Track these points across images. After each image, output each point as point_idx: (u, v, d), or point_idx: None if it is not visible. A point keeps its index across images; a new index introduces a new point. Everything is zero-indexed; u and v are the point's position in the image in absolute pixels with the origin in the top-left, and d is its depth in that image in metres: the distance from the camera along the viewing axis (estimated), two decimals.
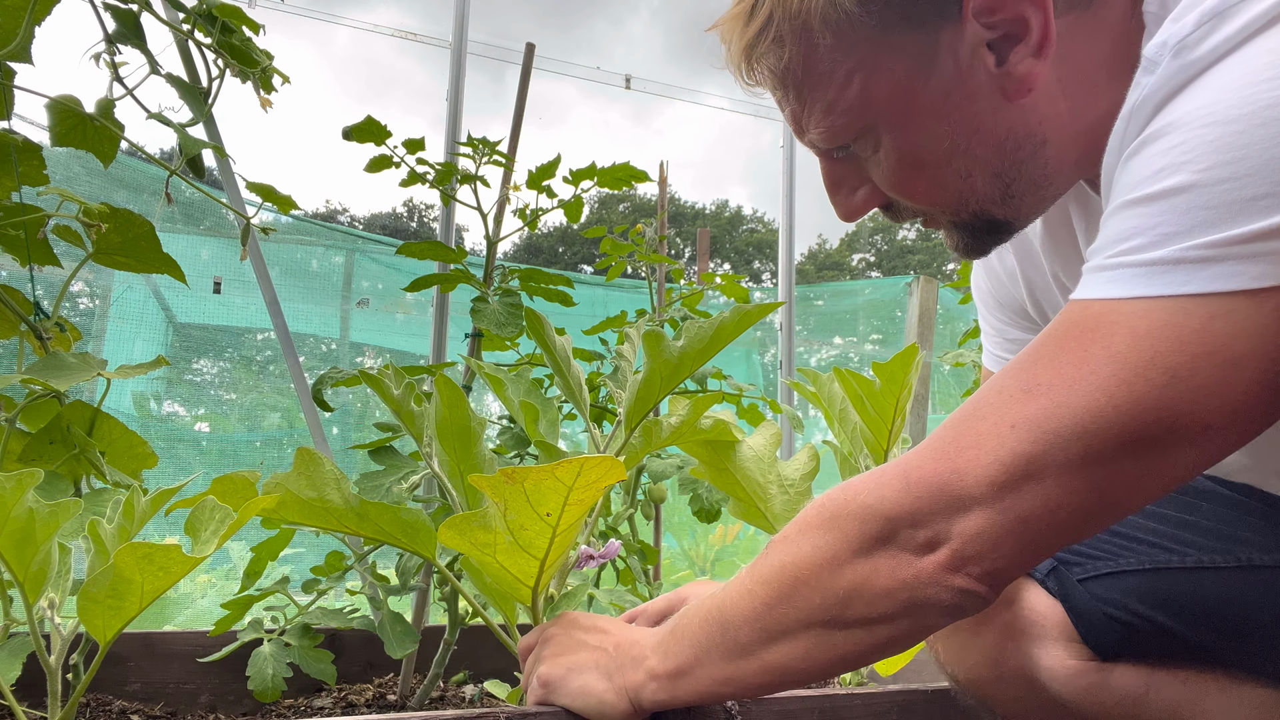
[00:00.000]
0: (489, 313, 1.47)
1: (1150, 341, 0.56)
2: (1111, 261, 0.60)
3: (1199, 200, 0.56)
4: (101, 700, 1.28)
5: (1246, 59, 0.56)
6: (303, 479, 0.85)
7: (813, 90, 0.76)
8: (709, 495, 1.70)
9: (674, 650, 0.74)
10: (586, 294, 6.07)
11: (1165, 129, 0.59)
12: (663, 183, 2.05)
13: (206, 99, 1.29)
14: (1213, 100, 0.56)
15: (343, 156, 74.08)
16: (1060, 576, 0.81)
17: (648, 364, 0.92)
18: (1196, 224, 0.56)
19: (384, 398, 1.03)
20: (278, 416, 6.34)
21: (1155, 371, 0.56)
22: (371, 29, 6.34)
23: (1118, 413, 0.57)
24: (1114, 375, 0.57)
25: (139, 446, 1.16)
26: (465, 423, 0.97)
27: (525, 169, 1.61)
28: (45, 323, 1.14)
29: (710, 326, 0.91)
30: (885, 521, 0.64)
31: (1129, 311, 0.58)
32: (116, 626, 0.79)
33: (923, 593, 0.64)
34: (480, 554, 0.81)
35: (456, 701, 1.39)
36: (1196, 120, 0.57)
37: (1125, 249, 0.59)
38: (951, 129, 0.74)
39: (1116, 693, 0.79)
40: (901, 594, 0.64)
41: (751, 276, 33.55)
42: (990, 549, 0.62)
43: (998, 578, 0.64)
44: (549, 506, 0.75)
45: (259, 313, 5.20)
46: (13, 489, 0.74)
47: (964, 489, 0.62)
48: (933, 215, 0.83)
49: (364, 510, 0.87)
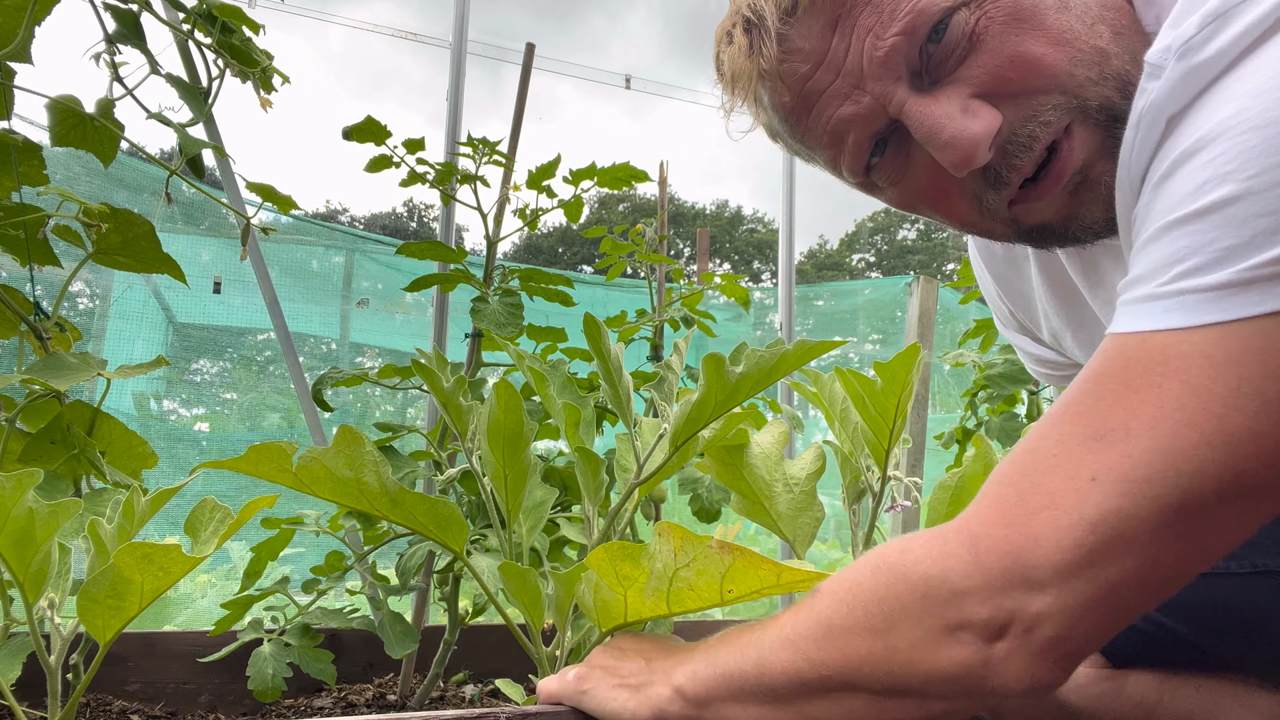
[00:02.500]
0: (489, 313, 1.47)
1: (1234, 369, 0.51)
2: (1168, 289, 0.55)
3: (1255, 209, 0.51)
4: (101, 700, 1.27)
5: (1267, 61, 0.54)
6: (341, 457, 0.84)
7: None
8: (709, 495, 1.70)
9: (704, 675, 0.69)
10: (586, 294, 6.07)
11: (1199, 144, 0.55)
12: (663, 183, 2.05)
13: (206, 99, 1.29)
14: (1244, 106, 0.53)
15: (343, 156, 74.09)
16: None
17: (704, 386, 0.91)
18: (1258, 234, 0.51)
19: (434, 389, 1.04)
20: (278, 416, 6.35)
21: (1245, 399, 0.51)
22: (371, 29, 6.34)
23: (1213, 449, 0.51)
24: (1202, 408, 0.52)
25: (139, 446, 1.16)
26: (519, 428, 0.96)
27: (525, 169, 1.61)
28: (45, 323, 1.14)
29: (773, 356, 0.90)
30: (951, 597, 0.57)
31: (1201, 340, 0.53)
32: (116, 626, 0.79)
33: (989, 682, 0.56)
34: (612, 580, 0.78)
35: (456, 701, 1.39)
36: (1233, 129, 0.53)
37: (1180, 272, 0.54)
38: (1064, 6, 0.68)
39: (1130, 700, 0.78)
40: (965, 680, 0.57)
41: (751, 276, 33.56)
42: (1071, 628, 0.54)
43: (1074, 659, 0.57)
44: (737, 589, 0.71)
45: (259, 313, 5.20)
46: (13, 489, 0.74)
47: (1044, 559, 0.54)
48: (1051, 121, 0.69)
49: (400, 497, 0.87)
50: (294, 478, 0.82)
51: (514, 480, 0.99)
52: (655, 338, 1.87)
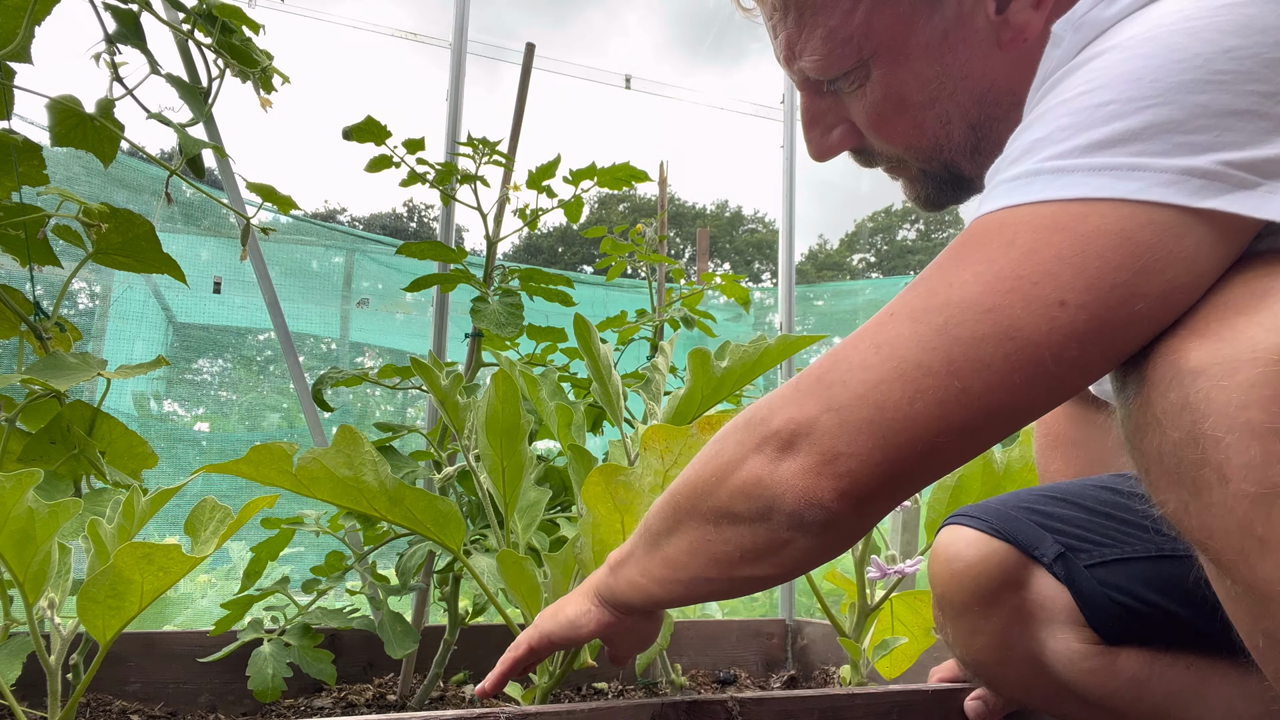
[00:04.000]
0: (489, 313, 1.47)
1: (1006, 231, 0.58)
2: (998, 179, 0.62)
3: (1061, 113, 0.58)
4: (101, 700, 1.27)
5: (1144, 20, 0.57)
6: (340, 457, 0.84)
7: (815, 15, 0.76)
8: None
9: (624, 545, 0.79)
10: (586, 294, 6.06)
11: (1067, 71, 0.60)
12: (663, 183, 2.05)
13: (206, 99, 1.29)
14: (1114, 44, 0.58)
15: (342, 156, 74.04)
16: (1067, 562, 0.82)
17: (690, 382, 0.92)
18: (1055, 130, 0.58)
19: (431, 386, 1.05)
20: (278, 416, 6.34)
21: (1007, 249, 0.58)
22: (372, 29, 6.30)
23: (977, 283, 0.57)
24: (981, 260, 0.58)
25: (139, 446, 1.16)
26: (515, 419, 0.97)
27: (525, 168, 1.61)
28: (45, 323, 1.14)
29: (756, 350, 0.91)
30: (766, 416, 0.64)
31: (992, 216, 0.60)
32: (116, 626, 0.79)
33: (774, 491, 0.62)
34: (609, 507, 0.80)
35: (456, 701, 1.39)
36: (1106, 51, 0.58)
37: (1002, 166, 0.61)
38: (942, 71, 0.75)
39: (1121, 676, 0.79)
40: (757, 492, 0.63)
41: (751, 276, 33.55)
42: (843, 443, 0.59)
43: (853, 486, 0.60)
44: None
45: (259, 313, 5.20)
46: (13, 489, 0.74)
47: (839, 377, 0.60)
48: (903, 162, 0.83)
49: (399, 495, 0.87)
50: (294, 479, 0.82)
51: (511, 473, 0.99)
52: (655, 338, 1.87)
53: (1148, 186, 0.53)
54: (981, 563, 0.85)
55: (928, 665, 1.29)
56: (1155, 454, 0.54)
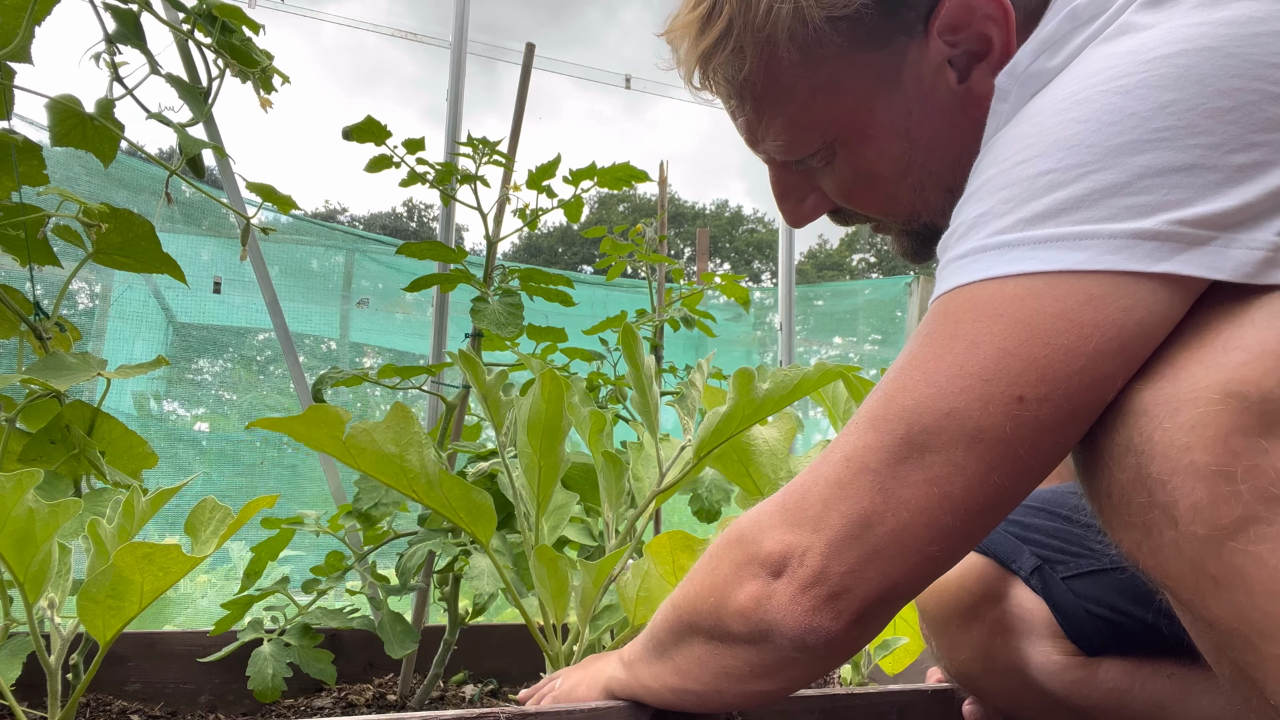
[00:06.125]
0: (489, 313, 1.47)
1: (951, 318, 0.58)
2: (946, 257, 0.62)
3: (998, 185, 0.58)
4: (101, 700, 1.27)
5: (1072, 74, 0.58)
6: (390, 433, 0.84)
7: (773, 104, 0.75)
8: (709, 495, 1.70)
9: (636, 642, 0.79)
10: (586, 294, 6.06)
11: (1001, 136, 0.60)
12: (663, 183, 2.05)
13: (206, 99, 1.29)
14: (1043, 107, 0.58)
15: (342, 156, 74.09)
16: (1044, 575, 0.82)
17: (734, 401, 0.93)
18: (987, 212, 0.58)
19: (476, 381, 1.06)
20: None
21: (956, 342, 0.57)
22: (371, 28, 6.32)
23: (930, 384, 0.56)
24: (923, 350, 0.58)
25: (139, 446, 1.16)
26: (558, 420, 0.97)
27: (525, 168, 1.60)
28: (45, 323, 1.14)
29: (794, 376, 0.93)
30: (756, 536, 0.63)
31: (942, 300, 0.60)
32: (116, 626, 0.79)
33: (770, 616, 0.61)
34: (668, 568, 0.83)
35: (456, 701, 1.39)
36: (1036, 115, 0.58)
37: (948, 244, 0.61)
38: (910, 145, 0.74)
39: (1103, 687, 0.80)
40: (754, 615, 0.62)
41: (751, 276, 33.55)
42: (830, 562, 0.58)
43: (846, 604, 0.59)
44: None
45: (259, 313, 5.20)
46: (13, 489, 0.74)
47: (815, 496, 0.60)
48: (883, 223, 0.83)
49: (440, 480, 0.87)
50: (342, 447, 0.83)
51: (546, 474, 1.00)
52: (655, 338, 1.87)
53: (1097, 255, 0.51)
54: (961, 577, 0.86)
55: (928, 663, 1.29)
56: (1105, 494, 0.53)
